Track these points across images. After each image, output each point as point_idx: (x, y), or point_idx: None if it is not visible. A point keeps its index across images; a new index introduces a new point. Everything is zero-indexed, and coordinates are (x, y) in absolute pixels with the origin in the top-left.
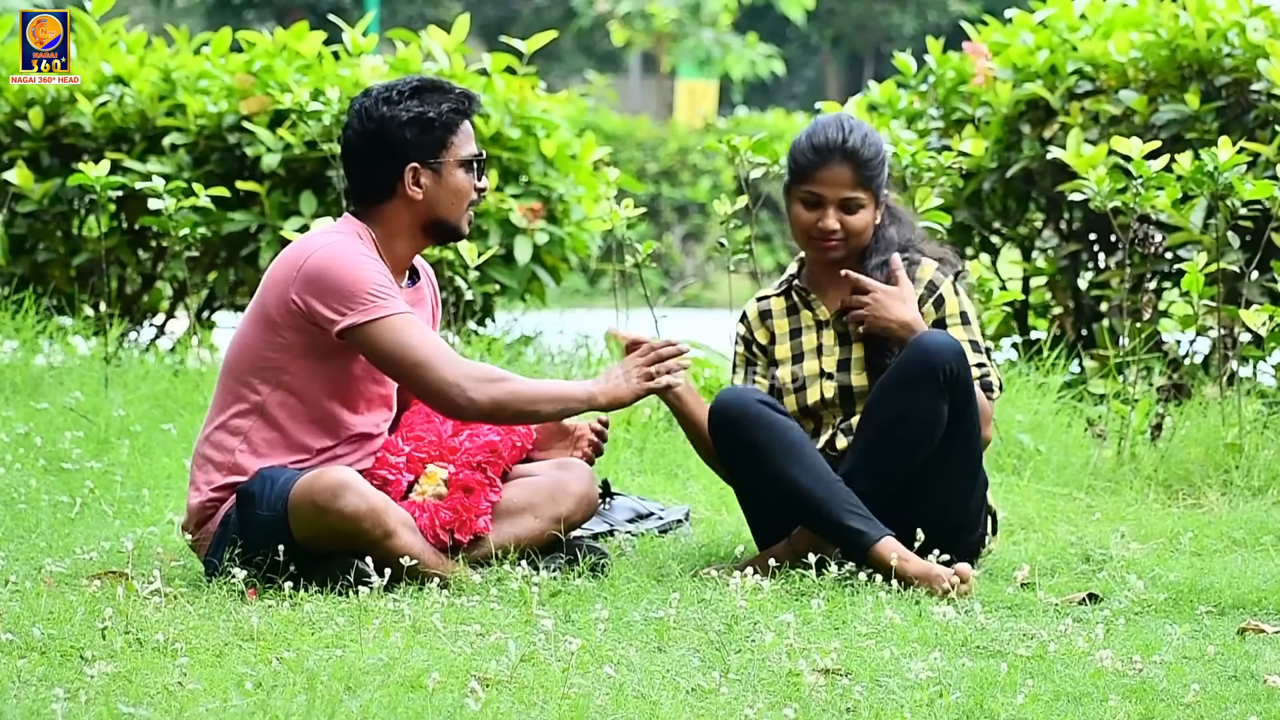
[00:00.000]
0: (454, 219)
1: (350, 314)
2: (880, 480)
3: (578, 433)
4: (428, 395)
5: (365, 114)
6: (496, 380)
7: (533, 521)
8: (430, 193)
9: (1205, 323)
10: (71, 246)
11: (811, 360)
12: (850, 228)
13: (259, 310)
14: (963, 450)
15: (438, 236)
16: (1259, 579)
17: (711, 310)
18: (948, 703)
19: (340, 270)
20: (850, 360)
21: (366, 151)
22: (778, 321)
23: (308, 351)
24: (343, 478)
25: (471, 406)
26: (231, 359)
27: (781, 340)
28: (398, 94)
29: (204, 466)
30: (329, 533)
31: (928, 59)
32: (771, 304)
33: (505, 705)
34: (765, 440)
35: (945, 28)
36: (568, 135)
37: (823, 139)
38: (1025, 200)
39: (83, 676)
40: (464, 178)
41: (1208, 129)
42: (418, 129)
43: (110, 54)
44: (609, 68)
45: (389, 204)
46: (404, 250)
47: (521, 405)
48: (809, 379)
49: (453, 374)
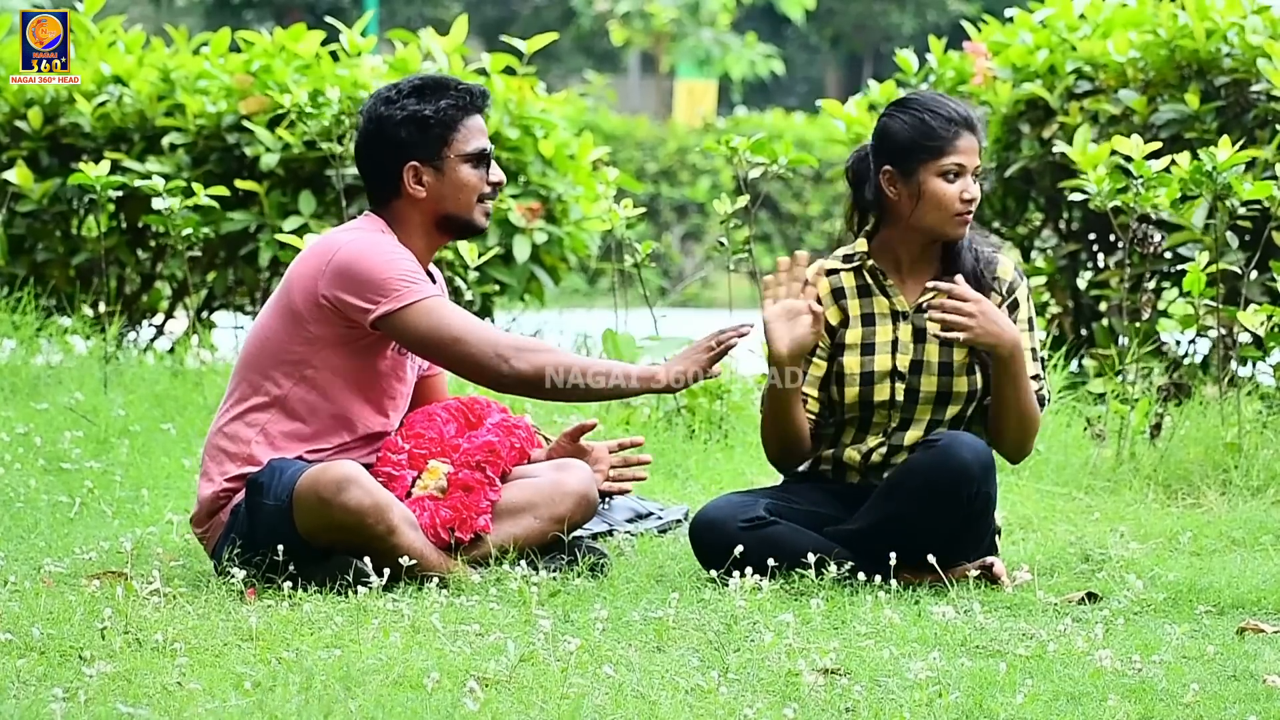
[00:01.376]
0: (464, 214)
1: (383, 302)
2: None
3: (594, 454)
4: (469, 368)
5: (367, 115)
6: (539, 350)
7: (532, 521)
8: (434, 190)
9: (1205, 323)
10: (71, 246)
11: (884, 356)
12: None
13: (284, 304)
14: (969, 537)
15: (452, 232)
16: (1258, 579)
17: (711, 310)
18: (947, 702)
19: (369, 262)
20: (923, 363)
21: (368, 151)
22: (851, 301)
23: (334, 346)
24: (349, 472)
25: (514, 374)
26: (252, 351)
27: (854, 325)
28: (397, 93)
29: (218, 457)
30: (332, 526)
31: (928, 58)
32: (843, 280)
33: (504, 705)
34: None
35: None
36: (566, 135)
37: (951, 111)
38: (1024, 200)
39: (82, 676)
40: (470, 172)
41: (1207, 129)
42: (414, 127)
43: (109, 54)
44: (608, 67)
45: (397, 202)
46: (421, 247)
47: (568, 376)
48: (879, 375)
49: (492, 345)
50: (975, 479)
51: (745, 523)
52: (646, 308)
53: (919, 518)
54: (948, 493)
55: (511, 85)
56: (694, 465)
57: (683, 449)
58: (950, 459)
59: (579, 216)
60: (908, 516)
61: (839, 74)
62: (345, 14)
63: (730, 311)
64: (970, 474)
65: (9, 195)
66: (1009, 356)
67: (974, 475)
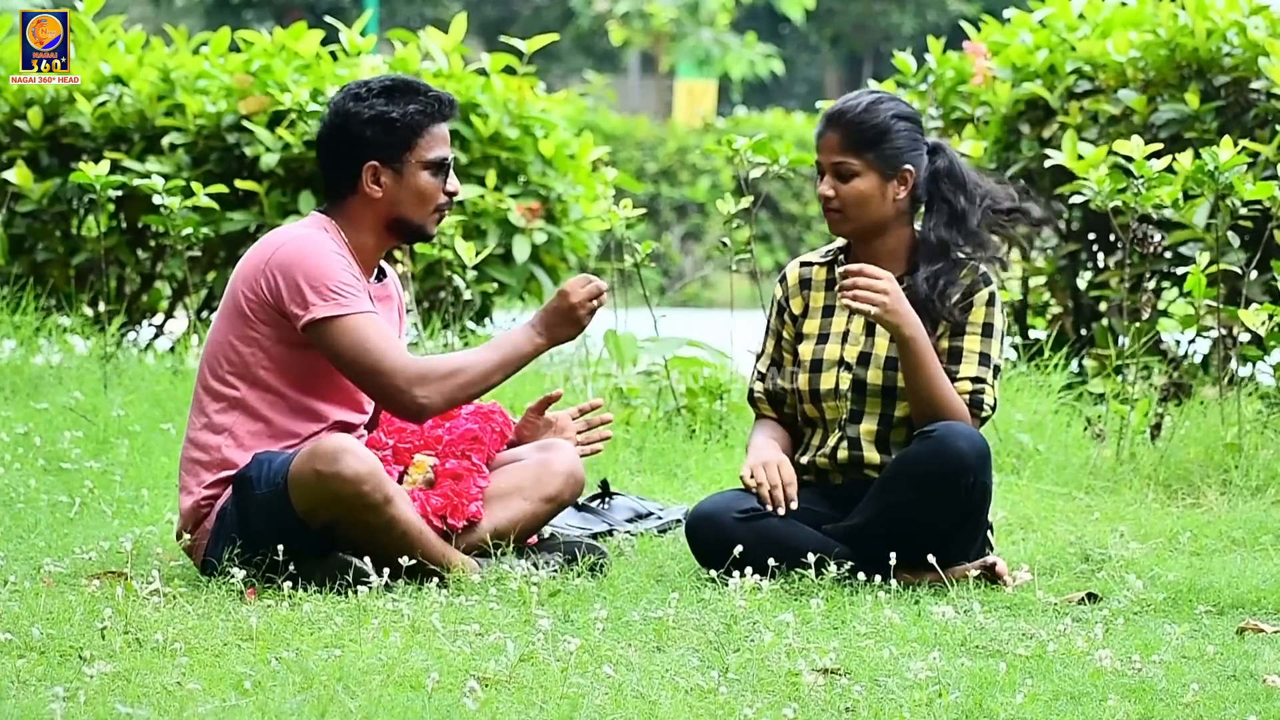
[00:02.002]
0: (417, 219)
1: (315, 307)
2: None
3: (559, 424)
4: (382, 401)
5: (334, 109)
6: (445, 376)
7: (523, 504)
8: (390, 192)
9: (1205, 323)
10: (70, 246)
11: (834, 345)
12: (844, 196)
13: (231, 305)
14: (967, 531)
15: (401, 235)
16: (1258, 578)
17: (711, 310)
18: (947, 702)
19: (308, 263)
20: (871, 355)
21: (329, 145)
22: (815, 294)
23: (280, 343)
24: (343, 443)
25: (427, 410)
26: (207, 359)
27: (813, 315)
28: (366, 91)
29: (192, 470)
30: (331, 498)
31: (927, 58)
32: (814, 273)
33: (504, 705)
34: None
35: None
36: (566, 135)
37: (829, 108)
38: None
39: (81, 676)
40: (428, 180)
41: (1207, 129)
42: (379, 128)
43: (109, 54)
44: (608, 67)
45: (351, 199)
46: (370, 246)
47: (475, 389)
48: (827, 363)
49: (405, 380)
50: (972, 469)
51: (741, 514)
52: (646, 307)
53: (917, 510)
54: (946, 483)
55: (511, 85)
56: (694, 465)
57: (682, 449)
58: (946, 449)
59: (579, 216)
60: (906, 508)
61: (839, 74)
62: (345, 13)
63: (731, 311)
64: (967, 463)
65: (9, 195)
66: (909, 339)
67: (971, 465)
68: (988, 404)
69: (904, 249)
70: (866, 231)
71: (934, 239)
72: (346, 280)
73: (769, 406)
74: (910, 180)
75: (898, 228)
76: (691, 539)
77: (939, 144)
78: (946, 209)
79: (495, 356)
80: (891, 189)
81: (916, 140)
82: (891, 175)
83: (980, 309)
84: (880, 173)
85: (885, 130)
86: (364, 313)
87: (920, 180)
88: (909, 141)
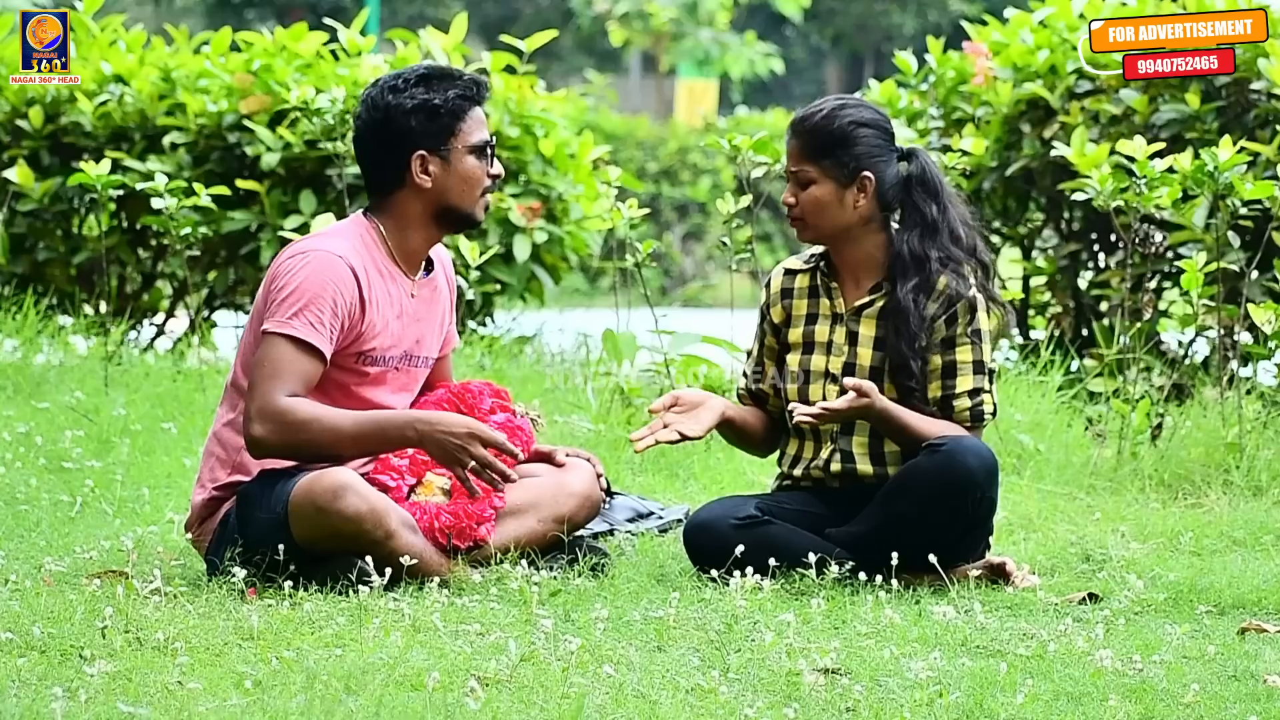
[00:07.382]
0: (466, 206)
1: (273, 319)
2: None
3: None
4: (243, 417)
5: (372, 104)
6: (294, 423)
7: (535, 523)
8: (439, 180)
9: (1205, 323)
10: (72, 245)
11: (820, 356)
12: (803, 203)
13: (258, 303)
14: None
15: (451, 225)
16: (1259, 579)
17: (712, 310)
18: (947, 702)
19: (296, 279)
20: (855, 365)
21: (374, 141)
22: (797, 303)
23: None
24: (343, 479)
25: (259, 444)
26: (240, 357)
27: (796, 324)
28: (404, 82)
29: (209, 462)
30: (330, 533)
31: (928, 58)
32: (796, 281)
33: (505, 705)
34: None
35: (945, 27)
36: (567, 134)
37: (794, 115)
38: (1025, 200)
39: (82, 675)
40: (474, 164)
41: (1208, 129)
42: (423, 116)
43: (110, 53)
44: (609, 67)
45: (399, 193)
46: (418, 241)
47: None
48: (814, 375)
49: (258, 408)
50: (980, 484)
51: (739, 520)
52: (647, 307)
53: (921, 522)
54: (952, 498)
55: (512, 84)
56: (694, 465)
57: (683, 449)
58: (956, 464)
59: (579, 216)
60: (910, 520)
61: (840, 74)
62: (346, 13)
63: (732, 311)
64: (975, 479)
65: (10, 194)
66: (880, 411)
67: (979, 481)
68: (988, 413)
69: (880, 254)
70: (829, 238)
71: (907, 253)
72: (320, 313)
73: (752, 403)
74: (870, 188)
75: (868, 234)
76: (690, 548)
77: (913, 150)
78: (919, 218)
79: (355, 429)
80: (850, 196)
81: (879, 147)
82: (849, 183)
83: (964, 317)
84: (836, 180)
85: (843, 138)
86: (301, 342)
87: (888, 187)
88: (871, 148)
